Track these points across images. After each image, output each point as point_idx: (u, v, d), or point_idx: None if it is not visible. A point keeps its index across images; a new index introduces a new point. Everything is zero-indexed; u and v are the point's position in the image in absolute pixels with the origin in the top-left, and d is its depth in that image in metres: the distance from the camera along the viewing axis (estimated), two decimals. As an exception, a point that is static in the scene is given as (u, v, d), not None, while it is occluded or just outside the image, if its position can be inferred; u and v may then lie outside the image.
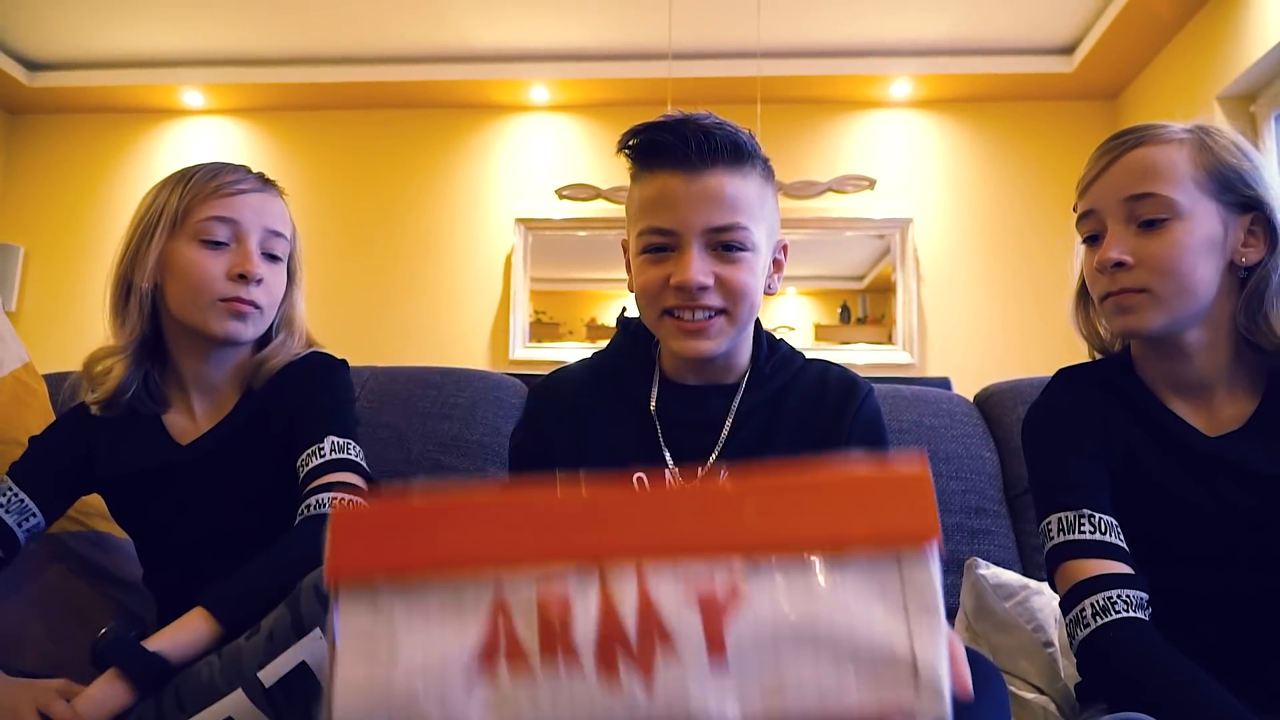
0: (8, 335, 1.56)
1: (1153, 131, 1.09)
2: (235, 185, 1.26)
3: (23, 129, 5.22)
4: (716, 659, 0.51)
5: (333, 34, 4.60)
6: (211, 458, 1.27)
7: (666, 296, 1.05)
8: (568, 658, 0.52)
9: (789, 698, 0.50)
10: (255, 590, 1.07)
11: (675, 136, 1.03)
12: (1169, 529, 1.05)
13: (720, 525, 0.54)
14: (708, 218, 1.03)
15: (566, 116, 5.06)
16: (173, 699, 1.00)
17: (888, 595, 0.52)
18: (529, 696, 0.51)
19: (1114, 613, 0.97)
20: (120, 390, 1.27)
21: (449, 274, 4.95)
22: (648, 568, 0.53)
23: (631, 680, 0.51)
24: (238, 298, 1.23)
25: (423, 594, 0.54)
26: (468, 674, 0.52)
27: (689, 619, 0.52)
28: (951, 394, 1.88)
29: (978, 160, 4.88)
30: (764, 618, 0.52)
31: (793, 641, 0.51)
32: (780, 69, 4.60)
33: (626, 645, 0.51)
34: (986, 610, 1.34)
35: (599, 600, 0.53)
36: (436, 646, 0.53)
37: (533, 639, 0.52)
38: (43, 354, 1.71)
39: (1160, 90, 4.38)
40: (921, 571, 0.53)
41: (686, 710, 0.50)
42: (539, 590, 0.53)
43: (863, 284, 5.07)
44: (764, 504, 0.54)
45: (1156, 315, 1.05)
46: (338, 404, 1.30)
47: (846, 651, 0.51)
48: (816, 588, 0.52)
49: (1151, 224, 1.05)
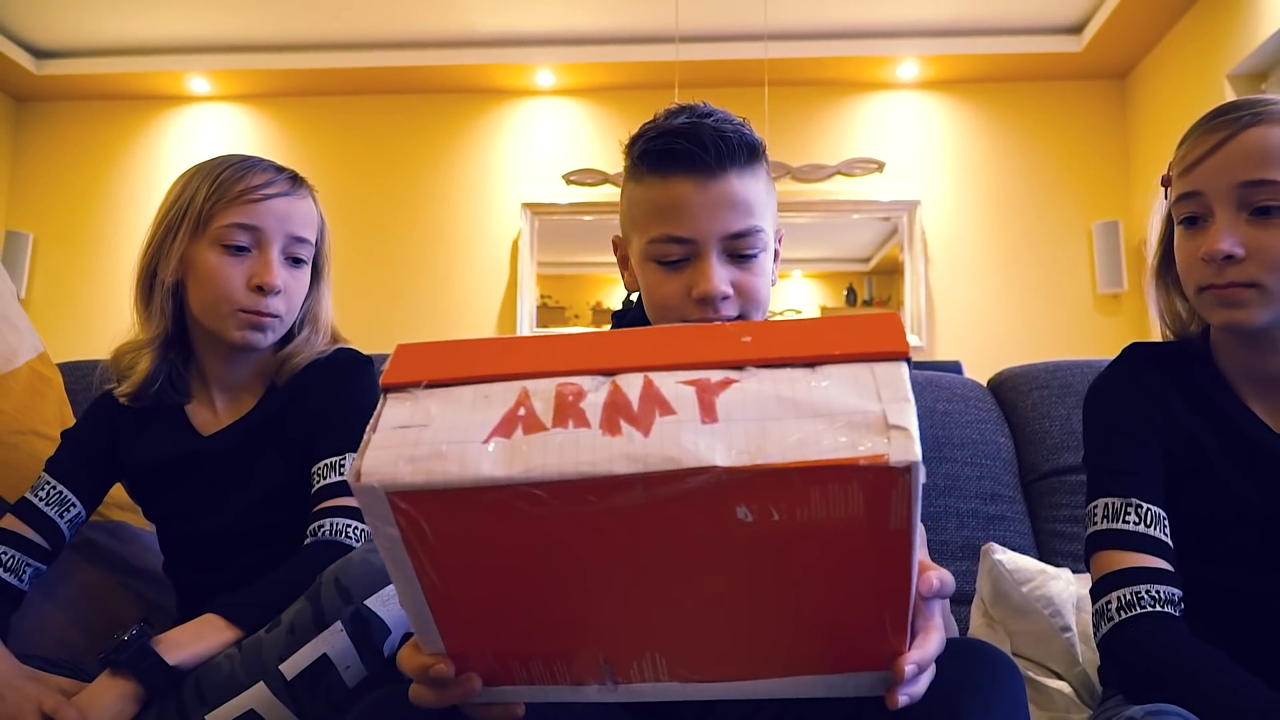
0: (22, 325, 1.56)
1: (1268, 108, 0.98)
2: (261, 190, 1.24)
3: (30, 117, 5.22)
4: (708, 418, 0.56)
5: (338, 19, 4.59)
6: (232, 451, 1.28)
7: (689, 311, 1.01)
8: (576, 419, 0.57)
9: (771, 445, 0.54)
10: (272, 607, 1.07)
11: (691, 142, 0.98)
12: (1223, 523, 1.01)
13: (717, 348, 0.60)
14: (726, 224, 0.99)
15: (573, 101, 5.05)
16: (193, 692, 1.01)
17: (863, 387, 0.57)
18: (539, 444, 0.56)
19: (1139, 607, 0.94)
20: (148, 382, 1.27)
21: (456, 259, 4.95)
22: (653, 374, 0.60)
23: (631, 431, 0.56)
24: (256, 310, 1.22)
25: (457, 392, 0.61)
26: (487, 434, 0.58)
27: (685, 394, 0.58)
28: (965, 379, 1.88)
29: (986, 141, 4.86)
30: (751, 392, 0.58)
31: (776, 407, 0.56)
32: (787, 51, 4.58)
33: (629, 411, 0.57)
34: (1003, 596, 1.34)
35: (609, 389, 0.59)
36: (464, 420, 0.59)
37: (548, 412, 0.58)
38: (52, 341, 1.71)
39: (1170, 69, 4.36)
40: (893, 370, 0.58)
41: (679, 446, 0.55)
42: (558, 385, 0.60)
43: (868, 266, 5.06)
44: (756, 334, 0.61)
45: (1264, 311, 0.98)
46: (362, 411, 1.27)
47: (825, 414, 0.56)
48: (799, 379, 0.58)
49: (1266, 212, 0.96)
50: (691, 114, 1.02)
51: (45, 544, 1.23)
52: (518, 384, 0.60)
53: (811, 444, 0.54)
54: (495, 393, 0.60)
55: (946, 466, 1.66)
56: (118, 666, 1.01)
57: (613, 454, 0.55)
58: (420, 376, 0.61)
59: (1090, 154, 4.75)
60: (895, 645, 0.63)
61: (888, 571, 0.59)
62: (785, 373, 0.58)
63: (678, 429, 0.55)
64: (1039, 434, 1.72)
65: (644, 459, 0.54)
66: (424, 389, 0.61)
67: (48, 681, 1.09)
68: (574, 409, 0.58)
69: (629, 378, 0.59)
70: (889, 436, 0.53)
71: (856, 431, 0.54)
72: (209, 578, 1.26)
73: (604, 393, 0.58)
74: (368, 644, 0.99)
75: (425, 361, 0.63)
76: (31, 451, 1.40)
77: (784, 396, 0.57)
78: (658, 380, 0.59)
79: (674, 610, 0.64)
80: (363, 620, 0.99)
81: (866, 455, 0.53)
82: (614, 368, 0.60)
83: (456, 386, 0.61)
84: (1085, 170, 4.74)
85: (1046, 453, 1.70)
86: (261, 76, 4.94)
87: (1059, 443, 1.68)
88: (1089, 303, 4.67)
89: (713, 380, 0.58)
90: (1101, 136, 4.77)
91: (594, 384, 0.59)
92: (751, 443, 0.54)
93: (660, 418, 0.56)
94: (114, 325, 1.32)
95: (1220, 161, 0.98)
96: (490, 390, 0.60)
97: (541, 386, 0.60)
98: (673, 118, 1.02)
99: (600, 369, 0.60)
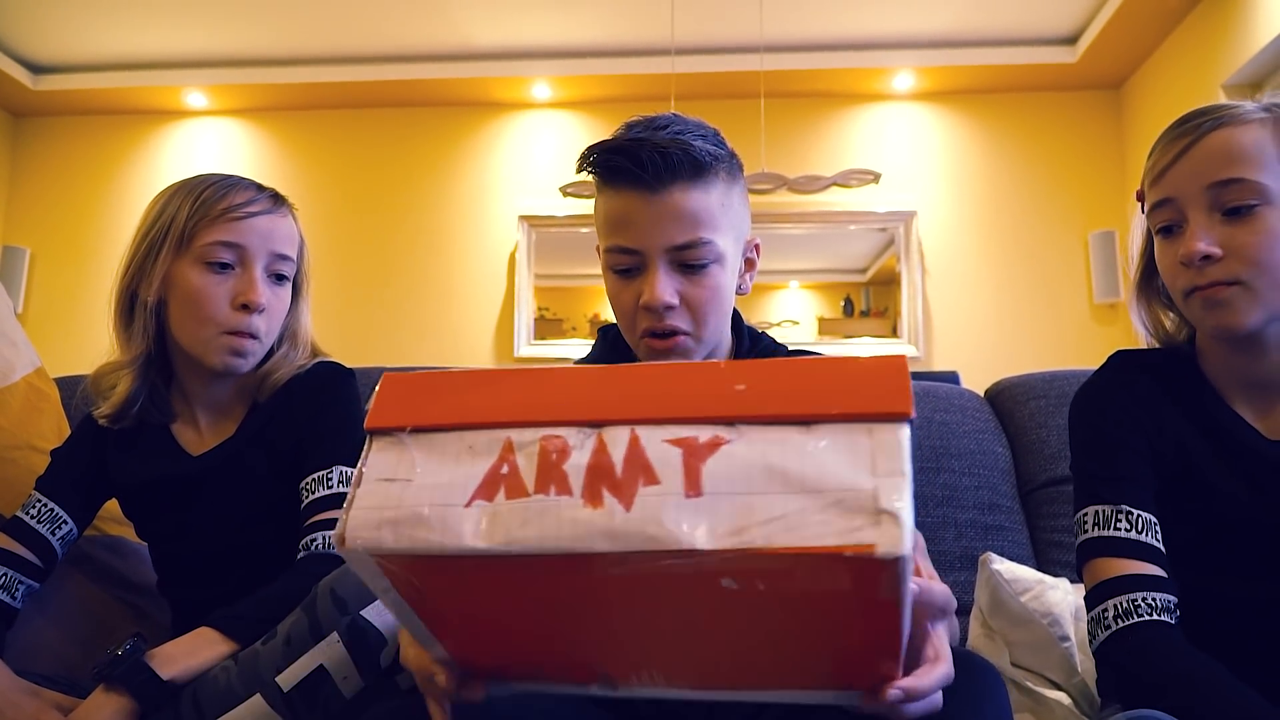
0: (19, 340, 1.56)
1: (1229, 112, 1.00)
2: (244, 209, 1.24)
3: (28, 132, 5.22)
4: (692, 491, 0.55)
5: (335, 34, 4.60)
6: (220, 470, 1.28)
7: (640, 318, 1.06)
8: (559, 485, 0.57)
9: (755, 526, 0.53)
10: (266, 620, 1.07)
11: (630, 159, 1.01)
12: (1215, 532, 1.01)
13: (708, 396, 0.59)
14: (669, 236, 1.03)
15: (569, 113, 5.06)
16: (190, 705, 1.01)
17: (857, 454, 0.55)
18: (520, 513, 0.56)
19: (1137, 615, 0.94)
20: (128, 404, 1.27)
21: (453, 272, 4.96)
22: (639, 426, 0.58)
23: (613, 503, 0.55)
24: (238, 330, 1.22)
25: (442, 440, 0.61)
26: (468, 498, 0.58)
27: (671, 457, 0.56)
28: (962, 389, 1.88)
29: (981, 152, 4.87)
30: (739, 459, 0.56)
31: (763, 479, 0.55)
32: (783, 63, 4.60)
33: (612, 478, 0.56)
34: (1001, 606, 1.34)
35: (593, 446, 0.58)
36: (446, 476, 0.59)
37: (531, 471, 0.58)
38: (49, 356, 1.71)
39: (1165, 79, 4.37)
40: (891, 436, 0.55)
41: (660, 525, 0.54)
42: (542, 439, 0.59)
43: (865, 276, 5.07)
44: (751, 382, 0.59)
45: (1252, 310, 0.97)
46: (346, 424, 1.29)
47: (813, 489, 0.54)
48: (791, 440, 0.56)
49: (1238, 211, 0.97)
50: (646, 127, 1.06)
51: (38, 561, 1.23)
52: (502, 433, 0.60)
53: (796, 527, 0.52)
54: (480, 443, 0.60)
55: (944, 477, 1.66)
56: (112, 682, 1.01)
57: (593, 530, 0.54)
58: (405, 421, 0.62)
59: (1086, 164, 4.77)
60: (887, 672, 0.63)
61: (877, 627, 0.59)
62: (777, 433, 0.56)
63: (660, 504, 0.54)
64: (1036, 444, 1.72)
65: (624, 537, 0.54)
66: (409, 434, 0.61)
67: (45, 697, 1.08)
68: (557, 471, 0.57)
69: (615, 432, 0.58)
70: (878, 522, 0.51)
71: (844, 514, 0.52)
72: (202, 594, 1.25)
73: (588, 451, 0.58)
74: (364, 655, 0.99)
75: (411, 402, 0.63)
76: (29, 467, 1.40)
77: (773, 466, 0.55)
78: (644, 437, 0.57)
79: (667, 641, 0.65)
80: (359, 631, 0.99)
81: (852, 545, 0.51)
82: (600, 419, 0.59)
83: (442, 433, 0.61)
84: (1081, 180, 4.76)
85: (1044, 462, 1.70)
86: (258, 91, 4.95)
87: (1056, 452, 1.68)
88: (1086, 312, 4.68)
89: (701, 441, 0.57)
90: (1097, 147, 4.78)
91: (579, 438, 0.58)
92: (735, 521, 0.53)
93: (643, 488, 0.55)
94: (111, 340, 1.32)
95: (1188, 166, 1.00)
96: (475, 440, 0.60)
97: (526, 438, 0.59)
98: (629, 130, 1.07)
99: (586, 420, 0.59)
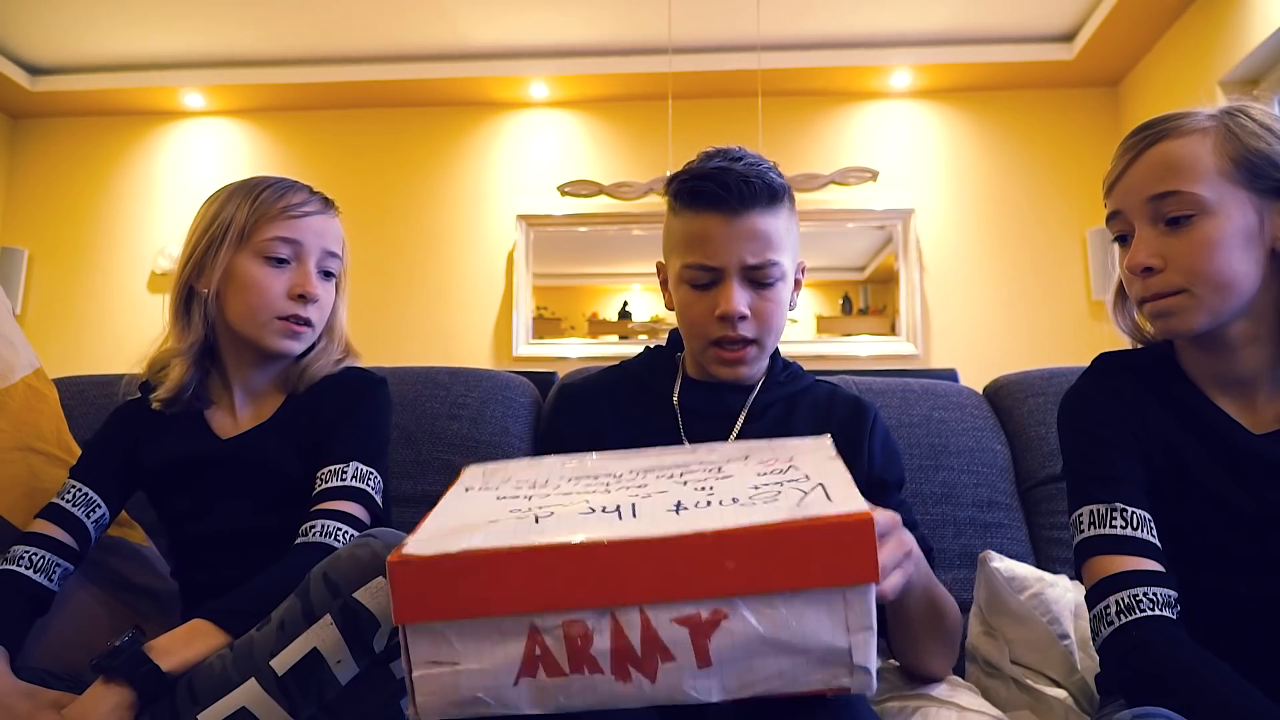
0: (18, 341, 1.56)
1: (1173, 124, 1.04)
2: (301, 208, 1.34)
3: (25, 133, 5.22)
4: (703, 663, 0.69)
5: (332, 33, 4.60)
6: (247, 455, 1.33)
7: (712, 328, 1.20)
8: (591, 667, 0.70)
9: (757, 685, 0.70)
10: (260, 609, 1.07)
11: (718, 185, 1.16)
12: (1206, 527, 1.02)
13: (704, 573, 0.70)
14: (746, 256, 1.17)
15: (567, 112, 5.06)
16: (185, 692, 1.01)
17: (834, 617, 0.69)
18: (564, 688, 0.70)
19: (1139, 611, 0.95)
20: (183, 388, 1.35)
21: (451, 271, 4.96)
22: (648, 607, 0.70)
23: (640, 679, 0.70)
24: (295, 316, 1.32)
25: (474, 626, 0.71)
26: (515, 678, 0.70)
27: (681, 637, 0.70)
28: (960, 386, 1.88)
29: (979, 149, 4.88)
30: (739, 635, 0.69)
31: (760, 647, 0.70)
32: (780, 61, 4.60)
33: (635, 659, 0.70)
34: (1000, 604, 1.34)
35: (610, 629, 0.70)
36: (488, 659, 0.71)
37: (562, 655, 0.70)
38: (48, 357, 1.71)
39: (1162, 76, 4.37)
40: (861, 600, 0.70)
41: (682, 693, 0.70)
42: (564, 624, 0.70)
43: (863, 274, 5.07)
44: (739, 559, 0.70)
45: (1197, 316, 1.01)
46: (370, 426, 1.36)
47: (800, 651, 0.69)
48: (779, 612, 0.70)
49: (1177, 222, 1.01)
50: (724, 158, 1.19)
51: (74, 543, 1.28)
52: (526, 619, 0.71)
53: (789, 678, 0.70)
54: (507, 626, 0.71)
55: (943, 474, 1.67)
56: (111, 674, 1.02)
57: (628, 696, 0.70)
58: (435, 615, 0.71)
59: (1083, 161, 4.76)
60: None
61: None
62: (768, 611, 0.70)
63: (679, 677, 0.70)
64: (1035, 441, 1.73)
65: (654, 699, 0.70)
66: (440, 623, 0.72)
67: (40, 698, 1.09)
68: (585, 655, 0.70)
69: (628, 615, 0.70)
70: (852, 674, 0.70)
71: (826, 669, 0.70)
72: (216, 578, 1.27)
73: (607, 634, 0.70)
74: (358, 638, 1.00)
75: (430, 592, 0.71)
76: (28, 467, 1.40)
77: (766, 637, 0.69)
78: (654, 618, 0.70)
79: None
80: (351, 613, 1.00)
81: (834, 689, 0.70)
82: (611, 603, 0.70)
83: (470, 620, 0.71)
84: (1078, 177, 4.76)
85: (1043, 459, 1.70)
86: (256, 91, 4.95)
87: (1055, 449, 1.68)
88: (1084, 309, 4.68)
89: (703, 618, 0.70)
90: (1094, 144, 4.78)
91: (596, 622, 0.70)
92: (741, 678, 0.70)
93: (663, 664, 0.69)
94: (110, 341, 1.35)
95: (1131, 180, 1.06)
96: (502, 624, 0.71)
97: (549, 624, 0.70)
98: (707, 161, 1.20)
99: (599, 604, 0.70)
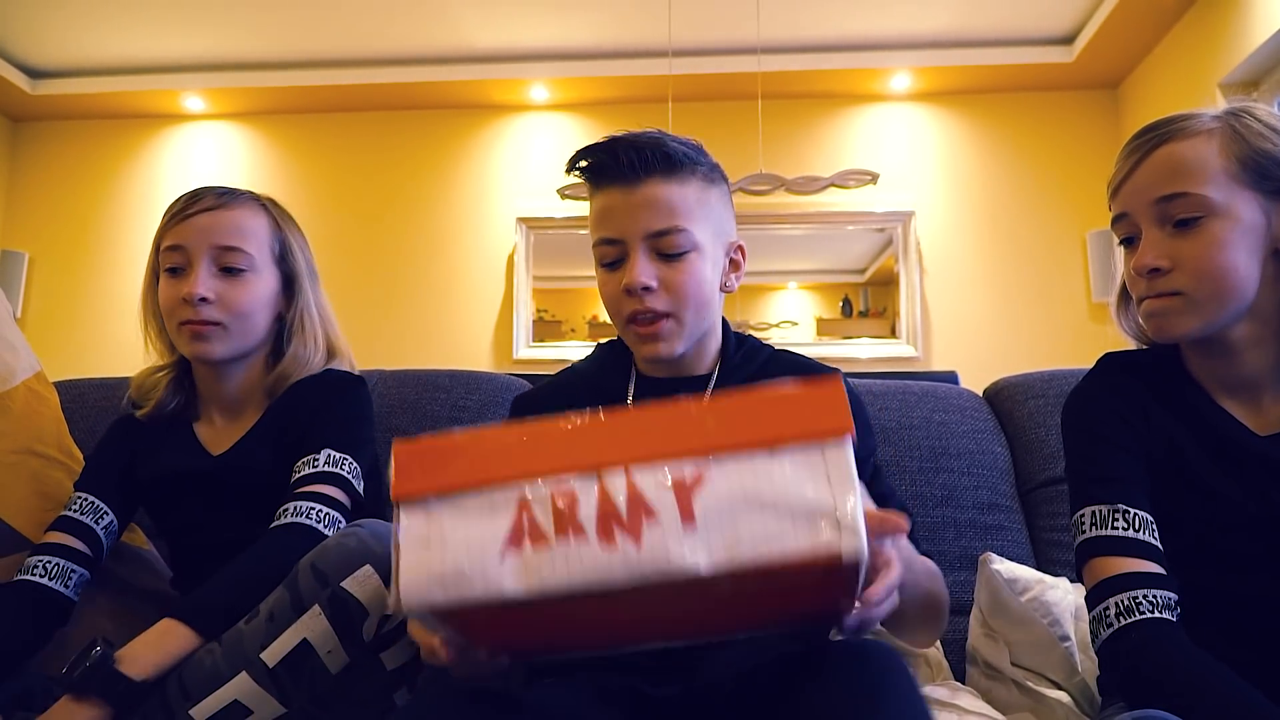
0: (19, 344, 1.56)
1: (1179, 125, 1.05)
2: (185, 211, 1.32)
3: (26, 136, 5.22)
4: (688, 523, 0.67)
5: (333, 37, 4.60)
6: (236, 467, 1.33)
7: (624, 304, 1.14)
8: (576, 532, 0.68)
9: (743, 548, 0.66)
10: (230, 602, 1.08)
11: (609, 156, 1.13)
12: (1210, 529, 1.02)
13: (687, 436, 0.70)
14: (646, 224, 1.12)
15: (567, 115, 5.06)
16: (177, 688, 1.01)
17: (814, 472, 0.68)
18: (548, 560, 0.67)
19: (1139, 613, 0.95)
20: (163, 403, 1.39)
21: (452, 274, 4.96)
22: (633, 469, 0.69)
23: (625, 542, 0.67)
24: (189, 320, 1.30)
25: (463, 501, 0.71)
26: (500, 550, 0.68)
27: (666, 497, 0.68)
28: (960, 389, 1.88)
29: (979, 152, 4.88)
30: (721, 491, 0.68)
31: (744, 506, 0.67)
32: (780, 64, 4.60)
33: (619, 519, 0.68)
34: (1001, 606, 1.34)
35: (597, 493, 0.69)
36: (475, 535, 0.69)
37: (548, 522, 0.69)
38: (49, 360, 1.71)
39: (1161, 79, 4.38)
40: (839, 455, 0.68)
41: (667, 559, 0.66)
42: (552, 490, 0.70)
43: (864, 277, 5.07)
44: (718, 417, 0.70)
45: (1189, 320, 1.02)
46: (345, 419, 1.35)
47: (785, 511, 0.67)
48: (761, 469, 0.68)
49: (1186, 224, 1.01)
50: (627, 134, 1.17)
51: (87, 550, 1.28)
52: (515, 490, 0.70)
53: (776, 538, 0.66)
54: (498, 501, 0.70)
55: (943, 477, 1.67)
56: (82, 691, 0.99)
57: (612, 566, 0.67)
58: (429, 488, 0.72)
59: (1083, 163, 4.77)
60: (846, 608, 0.77)
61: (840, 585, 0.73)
62: (748, 464, 0.69)
63: (664, 538, 0.67)
64: (1035, 443, 1.73)
65: (639, 570, 0.67)
66: (433, 499, 0.71)
67: None
68: (571, 520, 0.68)
69: (613, 477, 0.69)
70: (840, 532, 0.66)
71: (813, 526, 0.66)
72: None
73: (594, 498, 0.69)
74: (347, 627, 1.01)
75: (428, 468, 0.72)
76: (29, 470, 1.41)
77: (749, 492, 0.68)
78: (639, 479, 0.69)
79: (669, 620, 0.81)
80: (340, 602, 1.01)
81: (824, 552, 0.66)
82: (598, 464, 0.70)
83: (462, 496, 0.71)
84: (1078, 179, 4.75)
85: (1043, 462, 1.70)
86: (256, 94, 4.95)
87: (1055, 451, 1.68)
88: (1084, 311, 4.68)
89: (687, 478, 0.69)
90: (1094, 146, 4.78)
91: (583, 485, 0.70)
92: (727, 541, 0.66)
93: (647, 524, 0.67)
94: (110, 344, 1.37)
95: (1138, 181, 1.06)
96: (493, 499, 0.70)
97: (539, 493, 0.70)
98: (604, 139, 1.17)
99: (586, 467, 0.70)
